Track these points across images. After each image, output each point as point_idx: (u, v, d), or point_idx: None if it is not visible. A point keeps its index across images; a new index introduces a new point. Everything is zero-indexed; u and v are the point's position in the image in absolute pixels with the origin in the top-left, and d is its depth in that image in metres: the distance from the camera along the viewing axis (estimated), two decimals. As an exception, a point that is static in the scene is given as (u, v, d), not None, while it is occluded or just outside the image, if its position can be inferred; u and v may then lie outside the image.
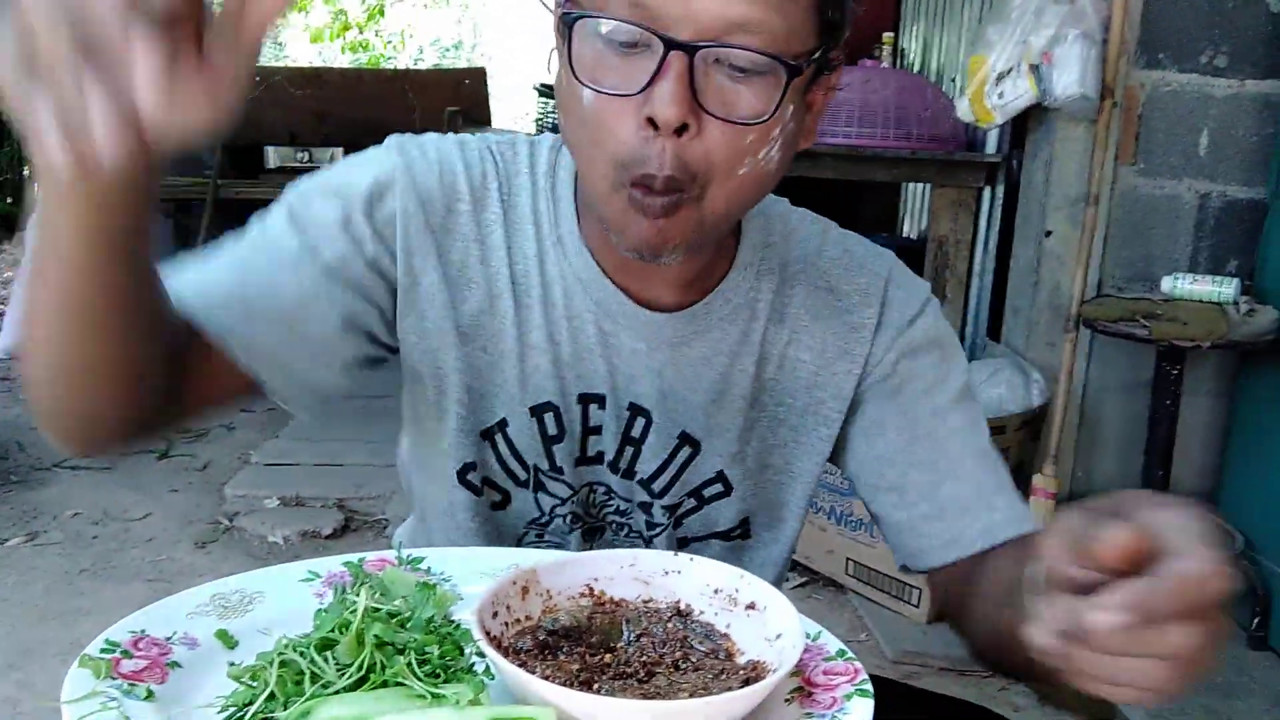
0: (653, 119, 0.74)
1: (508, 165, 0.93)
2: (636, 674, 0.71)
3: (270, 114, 5.75)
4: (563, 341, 0.92)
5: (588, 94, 0.77)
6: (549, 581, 0.78)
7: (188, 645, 0.72)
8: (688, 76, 0.74)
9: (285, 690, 0.64)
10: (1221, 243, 2.87)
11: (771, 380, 0.95)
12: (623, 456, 0.96)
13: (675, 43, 0.73)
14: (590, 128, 0.78)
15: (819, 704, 0.69)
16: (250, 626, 0.75)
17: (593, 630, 0.76)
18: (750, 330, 0.94)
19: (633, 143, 0.76)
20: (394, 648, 0.67)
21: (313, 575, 0.82)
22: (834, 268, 0.96)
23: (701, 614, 0.78)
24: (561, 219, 0.92)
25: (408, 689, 0.65)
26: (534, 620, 0.76)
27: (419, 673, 0.65)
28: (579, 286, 0.91)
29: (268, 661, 0.66)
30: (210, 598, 0.78)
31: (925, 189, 4.17)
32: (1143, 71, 2.78)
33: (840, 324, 0.95)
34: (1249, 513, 2.74)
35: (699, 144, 0.76)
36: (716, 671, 0.71)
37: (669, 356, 0.92)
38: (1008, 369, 2.81)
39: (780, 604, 0.74)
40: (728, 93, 0.76)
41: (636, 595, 0.79)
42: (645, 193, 0.77)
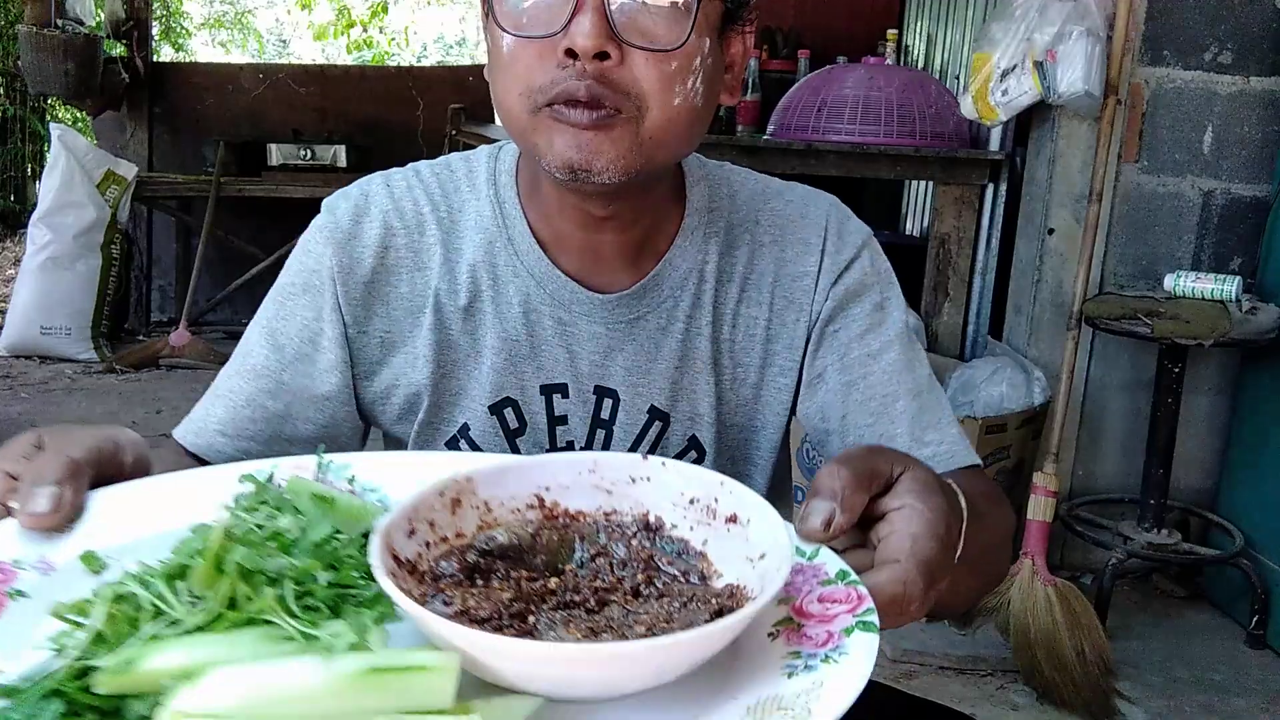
0: (571, 50, 0.79)
1: (442, 185, 0.98)
2: (585, 603, 0.59)
3: (273, 111, 5.75)
4: (520, 338, 0.95)
5: (509, 40, 0.82)
6: (488, 491, 0.65)
7: (41, 570, 0.60)
8: (603, 8, 0.79)
9: (116, 631, 0.52)
10: (1224, 240, 2.86)
11: (727, 341, 0.98)
12: (595, 440, 0.98)
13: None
14: (511, 70, 0.83)
15: (810, 640, 0.56)
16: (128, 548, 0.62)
17: (536, 549, 0.63)
18: (701, 294, 0.97)
19: (553, 73, 0.80)
20: (266, 576, 0.54)
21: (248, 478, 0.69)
22: (775, 220, 1.00)
23: (674, 528, 0.66)
24: (509, 220, 0.95)
25: (276, 629, 0.52)
26: (466, 538, 0.63)
27: (295, 608, 0.52)
28: (533, 283, 0.94)
29: (98, 594, 0.53)
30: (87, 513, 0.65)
31: (928, 186, 4.16)
32: (1147, 68, 2.77)
33: (785, 275, 0.98)
34: (1249, 511, 2.74)
35: (626, 71, 0.81)
36: (685, 599, 0.59)
37: (627, 333, 0.95)
38: (1009, 367, 2.81)
39: (767, 516, 0.61)
40: (643, 23, 0.81)
41: (596, 506, 0.67)
42: (569, 105, 0.80)
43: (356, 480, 0.71)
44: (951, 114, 3.09)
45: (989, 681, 2.42)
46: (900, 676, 2.41)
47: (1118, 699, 2.36)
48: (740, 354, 0.99)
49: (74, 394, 4.30)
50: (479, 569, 0.61)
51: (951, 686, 2.38)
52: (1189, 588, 2.93)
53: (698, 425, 0.98)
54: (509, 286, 0.95)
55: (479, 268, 0.95)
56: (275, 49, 12.82)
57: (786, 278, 0.98)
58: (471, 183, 0.98)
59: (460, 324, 0.95)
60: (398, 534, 0.59)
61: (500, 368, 0.95)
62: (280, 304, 0.97)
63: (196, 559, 0.54)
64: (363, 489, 0.71)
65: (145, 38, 5.52)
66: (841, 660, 0.54)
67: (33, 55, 4.90)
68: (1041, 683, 2.36)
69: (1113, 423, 2.94)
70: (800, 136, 3.15)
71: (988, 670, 2.46)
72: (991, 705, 2.31)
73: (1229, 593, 2.80)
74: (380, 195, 0.97)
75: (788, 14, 4.83)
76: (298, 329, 0.96)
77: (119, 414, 4.03)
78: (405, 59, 11.56)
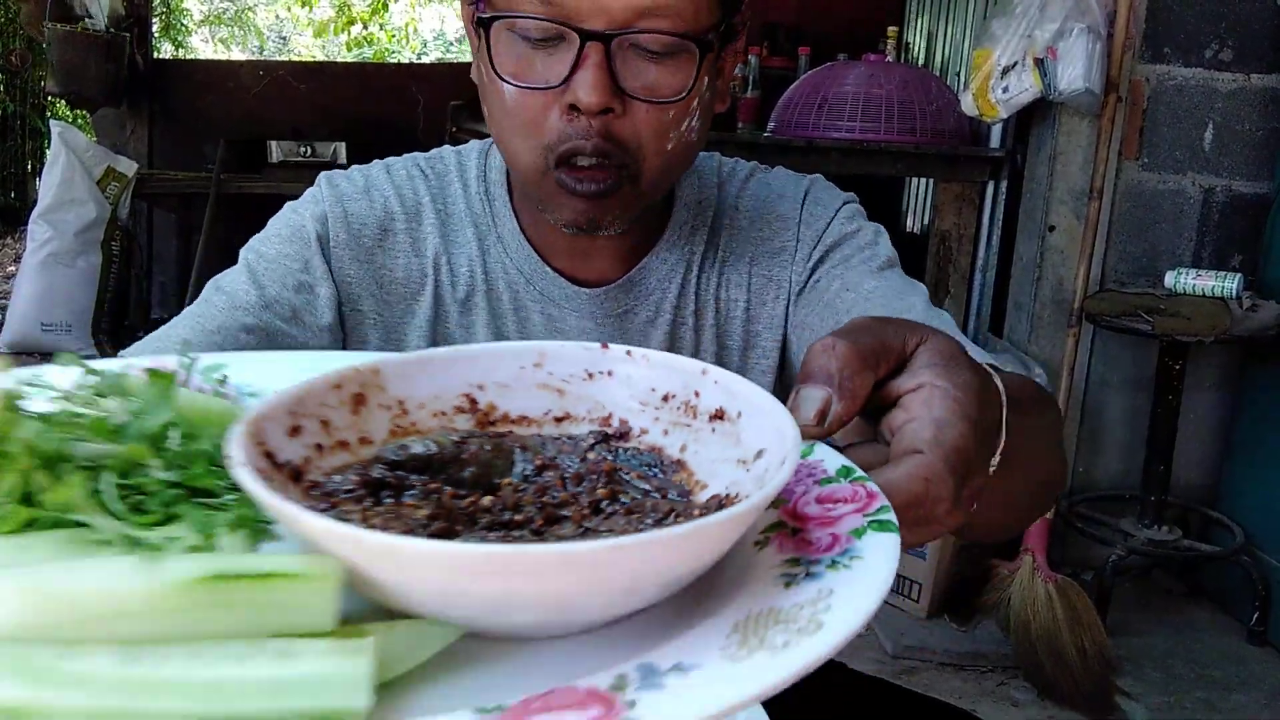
0: (575, 105, 0.78)
1: (439, 177, 0.97)
2: (530, 522, 0.44)
3: (273, 108, 5.75)
4: (510, 333, 0.95)
5: (509, 89, 0.81)
6: (402, 389, 0.51)
7: None
8: (606, 64, 0.77)
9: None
10: (1225, 237, 2.86)
11: (711, 326, 0.98)
12: None
13: (590, 33, 0.77)
14: (515, 121, 0.82)
15: (812, 545, 0.43)
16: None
17: (463, 460, 0.49)
18: (686, 284, 0.97)
19: (558, 127, 0.80)
20: (74, 465, 0.41)
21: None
22: (755, 204, 0.99)
23: (644, 434, 0.53)
24: (499, 218, 0.96)
25: (87, 531, 0.39)
26: (373, 444, 0.50)
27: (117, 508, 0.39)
28: (521, 279, 0.95)
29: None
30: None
31: (929, 184, 4.16)
32: (1147, 65, 2.77)
33: (763, 254, 0.98)
34: (1250, 507, 2.74)
35: (626, 123, 0.80)
36: (661, 513, 0.45)
37: (616, 326, 0.95)
38: (1010, 364, 2.80)
39: (764, 405, 0.48)
40: (646, 74, 0.79)
41: (545, 411, 0.54)
42: (572, 172, 0.80)
43: (230, 383, 0.55)
44: (952, 111, 3.09)
45: (989, 678, 2.42)
46: (900, 673, 2.41)
47: (1118, 695, 2.37)
48: (723, 338, 0.98)
49: (75, 391, 4.30)
50: (386, 484, 0.46)
51: (952, 683, 2.39)
52: (1189, 584, 2.93)
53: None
54: (499, 281, 0.95)
55: (474, 262, 0.95)
56: (275, 46, 12.81)
57: (764, 256, 0.97)
58: (463, 178, 0.98)
59: (457, 316, 0.95)
60: (273, 428, 0.45)
61: None
62: (259, 252, 0.92)
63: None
64: (239, 393, 0.55)
65: (145, 35, 5.52)
66: (854, 565, 0.41)
67: (62, 53, 4.94)
68: (1042, 679, 2.36)
69: (1113, 419, 2.94)
70: (800, 134, 3.15)
71: (988, 667, 2.46)
72: (992, 702, 2.32)
73: (1230, 589, 2.80)
74: (381, 180, 0.97)
75: (789, 11, 4.83)
76: (282, 274, 0.91)
77: (120, 411, 4.03)
78: (405, 56, 11.55)
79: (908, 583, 2.64)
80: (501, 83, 0.81)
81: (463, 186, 0.97)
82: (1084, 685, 2.32)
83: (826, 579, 0.40)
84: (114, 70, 5.04)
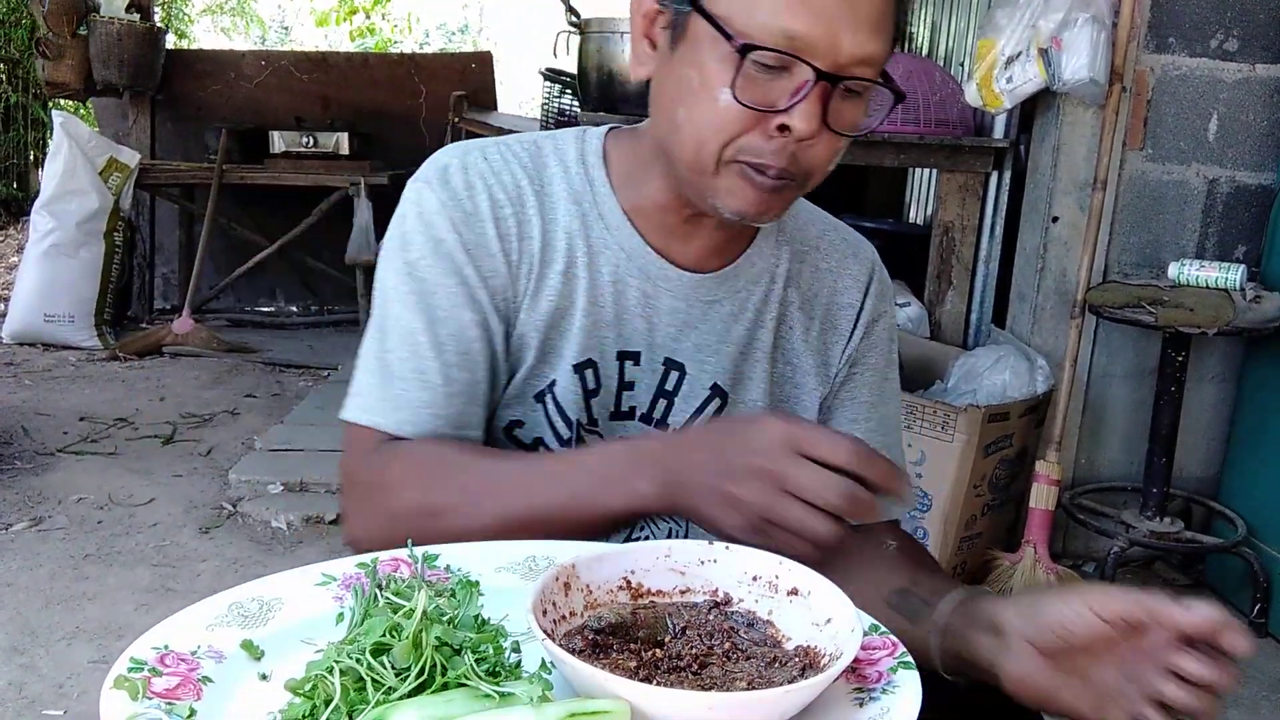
0: (787, 126, 0.87)
1: (534, 160, 1.04)
2: (690, 667, 0.71)
3: (276, 98, 5.74)
4: (606, 305, 1.02)
5: (726, 98, 0.88)
6: (588, 576, 0.77)
7: (214, 658, 0.71)
8: (824, 99, 0.87)
9: (349, 699, 0.62)
10: (1229, 229, 2.86)
11: (784, 339, 1.08)
12: (656, 408, 1.05)
13: (824, 74, 0.86)
14: (713, 122, 0.89)
15: (867, 679, 0.70)
16: (273, 635, 0.74)
17: (638, 625, 0.76)
18: (770, 292, 1.07)
19: (758, 140, 0.89)
20: (451, 648, 0.65)
21: (328, 579, 0.81)
22: (834, 250, 1.12)
23: (741, 602, 0.78)
24: (600, 198, 1.03)
25: (472, 690, 0.63)
26: (578, 616, 0.76)
27: (479, 672, 0.64)
28: (623, 255, 1.02)
29: (326, 670, 0.64)
30: (228, 607, 0.76)
31: (932, 174, 4.15)
32: (1152, 55, 2.76)
33: (835, 303, 1.10)
34: (1252, 499, 2.74)
35: (813, 148, 0.90)
36: (769, 659, 0.71)
37: (703, 312, 1.04)
38: (1013, 355, 2.80)
39: (825, 588, 0.74)
40: (843, 110, 0.90)
41: (673, 586, 0.79)
42: (758, 170, 0.90)
43: (451, 568, 0.83)
44: (956, 101, 3.07)
45: (991, 669, 2.43)
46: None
47: (1119, 687, 2.37)
48: (792, 354, 1.09)
49: (77, 382, 4.31)
50: (598, 644, 0.73)
51: (953, 674, 2.39)
52: (1191, 576, 2.94)
53: (749, 410, 1.07)
54: (600, 256, 1.02)
55: (574, 236, 1.01)
56: (277, 35, 12.79)
57: (835, 306, 1.10)
58: (560, 159, 1.04)
59: (560, 287, 1.01)
60: (538, 612, 0.71)
61: (587, 329, 1.01)
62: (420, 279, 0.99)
63: (388, 636, 0.65)
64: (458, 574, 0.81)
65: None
66: (896, 691, 0.67)
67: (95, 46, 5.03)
68: (1043, 671, 2.36)
69: (1116, 411, 2.94)
70: (804, 124, 3.13)
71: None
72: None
73: (1231, 581, 2.80)
74: (480, 167, 1.02)
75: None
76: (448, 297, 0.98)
77: (122, 402, 4.04)
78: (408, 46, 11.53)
79: (909, 574, 2.64)
80: (719, 91, 0.88)
81: (560, 167, 1.04)
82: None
83: (883, 701, 0.67)
84: (153, 58, 5.19)
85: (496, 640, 0.68)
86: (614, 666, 0.70)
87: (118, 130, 5.49)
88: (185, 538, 2.93)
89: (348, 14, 10.72)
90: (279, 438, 3.67)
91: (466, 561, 0.83)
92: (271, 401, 4.18)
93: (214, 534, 2.97)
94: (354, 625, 0.69)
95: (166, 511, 3.08)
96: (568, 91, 3.98)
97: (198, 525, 3.01)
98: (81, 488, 3.20)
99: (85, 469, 3.36)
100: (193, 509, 3.11)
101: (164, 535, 2.93)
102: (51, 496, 3.13)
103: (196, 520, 3.04)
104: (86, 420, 3.79)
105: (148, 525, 2.99)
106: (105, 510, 3.07)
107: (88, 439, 3.61)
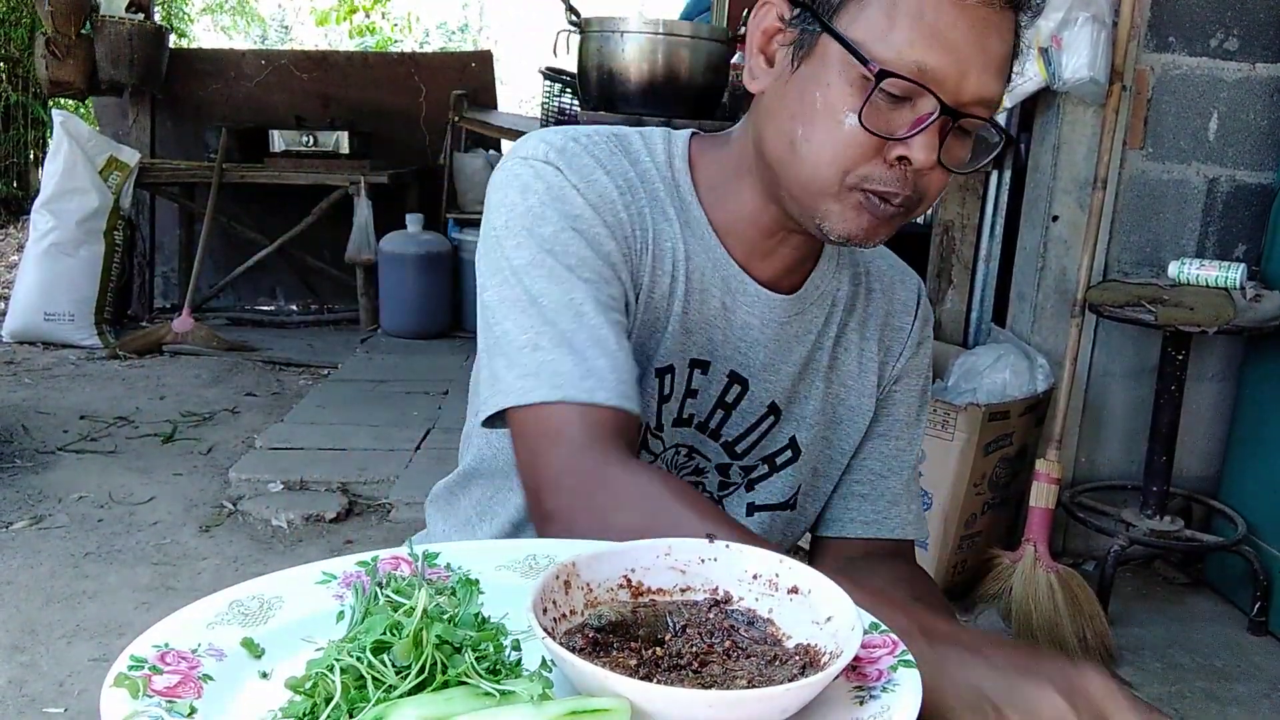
0: (906, 158, 0.88)
1: (630, 155, 1.02)
2: (690, 665, 0.71)
3: (276, 97, 5.74)
4: (693, 311, 1.02)
5: (852, 122, 0.88)
6: (588, 574, 0.77)
7: (215, 656, 0.70)
8: (943, 131, 0.88)
9: (349, 697, 0.62)
10: (1229, 228, 2.86)
11: (839, 360, 1.10)
12: (713, 418, 1.06)
13: (948, 109, 0.87)
14: (839, 146, 0.89)
15: (867, 677, 0.70)
16: (273, 633, 0.74)
17: (638, 624, 0.76)
18: (832, 315, 1.08)
19: (879, 168, 0.89)
20: (451, 646, 0.65)
21: (329, 577, 0.81)
22: (882, 275, 1.14)
23: (741, 600, 0.78)
24: (686, 205, 1.02)
25: (473, 688, 0.63)
26: (578, 614, 0.76)
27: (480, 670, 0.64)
28: (709, 264, 1.02)
29: (327, 668, 0.64)
30: (228, 605, 0.76)
31: (932, 173, 4.14)
32: (1152, 55, 2.76)
33: (890, 326, 1.12)
34: (1251, 498, 2.74)
35: (927, 179, 0.91)
36: (769, 658, 0.71)
37: (775, 332, 1.05)
38: (1013, 354, 2.80)
39: (826, 586, 0.74)
40: (954, 147, 0.91)
41: (674, 584, 0.79)
42: (882, 200, 0.90)
43: (451, 566, 0.83)
44: (956, 100, 3.08)
45: (991, 668, 2.43)
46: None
47: (1119, 685, 2.37)
48: (846, 377, 1.10)
49: (78, 380, 4.31)
50: (598, 642, 0.73)
51: (953, 673, 2.39)
52: (1191, 574, 2.94)
53: (801, 427, 1.08)
54: (692, 261, 1.01)
55: (675, 237, 1.01)
56: (277, 35, 12.79)
57: (890, 328, 1.12)
58: (653, 159, 1.03)
59: (667, 286, 1.00)
60: (538, 611, 0.71)
61: (676, 334, 1.01)
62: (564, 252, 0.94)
63: (389, 634, 0.65)
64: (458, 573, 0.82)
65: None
66: (896, 690, 0.67)
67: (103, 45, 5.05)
68: (1043, 669, 2.36)
69: (1116, 410, 2.94)
70: (804, 123, 3.14)
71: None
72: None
73: (1231, 579, 2.80)
74: (595, 150, 0.99)
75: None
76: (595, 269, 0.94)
77: (122, 400, 4.04)
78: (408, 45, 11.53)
79: (909, 572, 2.64)
80: (845, 114, 0.88)
81: (654, 168, 1.02)
82: (1085, 675, 2.32)
83: (883, 699, 0.66)
84: (155, 60, 5.25)
85: (497, 638, 0.68)
86: (614, 665, 0.70)
87: (118, 129, 5.50)
88: (185, 536, 2.93)
89: (348, 13, 10.72)
90: (279, 436, 3.67)
91: (467, 560, 0.83)
92: (271, 400, 4.18)
93: (214, 532, 2.97)
94: (354, 623, 0.69)
95: (167, 510, 3.09)
96: (568, 90, 3.98)
97: (198, 524, 3.01)
98: (82, 486, 3.20)
99: (85, 467, 3.36)
100: (193, 507, 3.12)
101: (164, 534, 2.93)
102: (52, 495, 3.14)
103: (197, 519, 3.04)
104: (87, 419, 3.79)
105: (148, 524, 2.99)
106: (105, 509, 3.07)
107: (88, 437, 3.61)
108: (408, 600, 0.69)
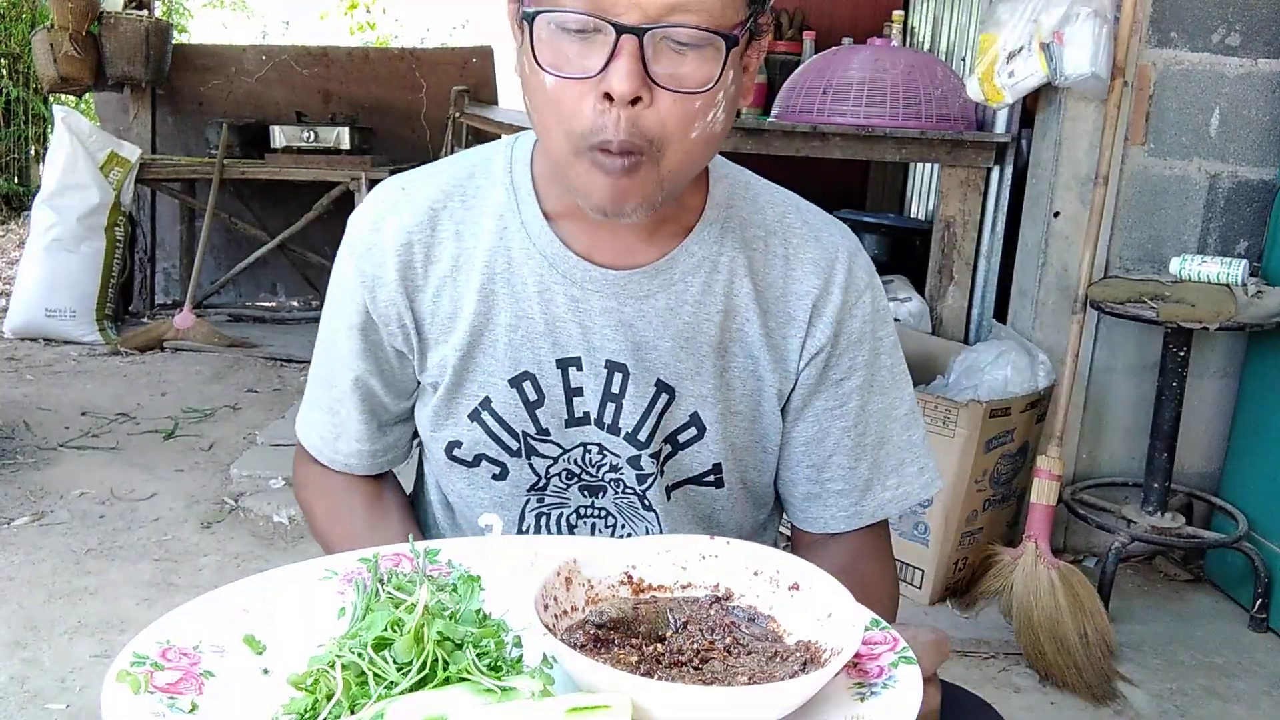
0: (609, 94, 0.84)
1: (459, 179, 1.04)
2: (691, 662, 0.71)
3: (276, 93, 5.73)
4: (534, 315, 1.01)
5: (549, 79, 0.87)
6: (589, 571, 0.78)
7: (216, 653, 0.71)
8: (639, 55, 0.84)
9: (350, 693, 0.63)
10: (1231, 224, 2.85)
11: (738, 331, 1.03)
12: (605, 412, 1.03)
13: (625, 28, 0.83)
14: (554, 108, 0.88)
15: (868, 674, 0.70)
16: (275, 629, 0.74)
17: (639, 620, 0.76)
18: (713, 283, 1.01)
19: (591, 116, 0.86)
20: (452, 643, 0.66)
21: (330, 573, 0.81)
22: (791, 235, 1.04)
23: (742, 597, 0.78)
24: (523, 206, 1.01)
25: (473, 684, 0.64)
26: (580, 611, 0.76)
27: (481, 667, 0.65)
28: (545, 263, 1.00)
29: (328, 664, 0.64)
30: (230, 602, 0.77)
31: (933, 169, 4.14)
32: (1154, 50, 2.76)
33: (791, 292, 1.03)
34: (1253, 495, 2.74)
35: (653, 113, 0.86)
36: (769, 654, 0.71)
37: (637, 309, 1.00)
38: (1014, 350, 2.80)
39: (826, 583, 0.75)
40: (674, 66, 0.85)
41: (675, 581, 0.80)
42: (605, 154, 0.87)
43: (451, 563, 0.85)
44: (957, 96, 3.07)
45: (992, 664, 2.43)
46: (903, 659, 2.42)
47: (1120, 682, 2.37)
48: (750, 347, 1.03)
49: (79, 376, 4.31)
50: (599, 639, 0.74)
51: (954, 669, 2.39)
52: (1192, 571, 2.94)
53: (701, 404, 1.03)
54: (523, 267, 1.00)
55: (494, 251, 1.01)
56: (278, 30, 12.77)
57: (792, 295, 1.03)
58: (488, 171, 1.04)
59: (477, 305, 1.01)
60: (539, 607, 0.72)
61: (517, 343, 1.01)
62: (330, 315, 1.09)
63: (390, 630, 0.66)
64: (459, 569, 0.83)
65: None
66: (896, 686, 0.67)
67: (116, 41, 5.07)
68: (1044, 665, 2.36)
69: (1117, 406, 2.94)
70: (805, 118, 3.13)
71: (990, 653, 2.46)
72: (994, 688, 2.32)
73: (1232, 576, 2.80)
74: (393, 198, 1.04)
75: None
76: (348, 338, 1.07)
77: (124, 396, 4.04)
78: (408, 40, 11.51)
79: (911, 569, 2.64)
80: (542, 72, 0.87)
81: (488, 179, 1.03)
82: (1086, 672, 2.32)
83: (884, 696, 0.67)
84: (160, 56, 5.27)
85: (498, 635, 0.69)
86: (615, 661, 0.70)
87: (118, 125, 5.49)
88: (187, 532, 2.93)
89: (349, 9, 10.70)
90: (280, 432, 3.67)
91: (468, 557, 0.84)
92: (273, 396, 4.18)
93: (215, 529, 2.97)
94: (356, 620, 0.70)
95: (168, 506, 3.09)
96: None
97: (199, 520, 3.01)
98: (83, 482, 3.20)
99: (87, 464, 3.36)
100: (194, 504, 3.12)
101: (165, 530, 2.94)
102: (53, 491, 3.14)
103: (198, 515, 3.04)
104: (88, 415, 3.79)
105: (149, 520, 2.99)
106: (107, 505, 3.07)
107: (89, 434, 3.61)
108: (409, 597, 0.69)
